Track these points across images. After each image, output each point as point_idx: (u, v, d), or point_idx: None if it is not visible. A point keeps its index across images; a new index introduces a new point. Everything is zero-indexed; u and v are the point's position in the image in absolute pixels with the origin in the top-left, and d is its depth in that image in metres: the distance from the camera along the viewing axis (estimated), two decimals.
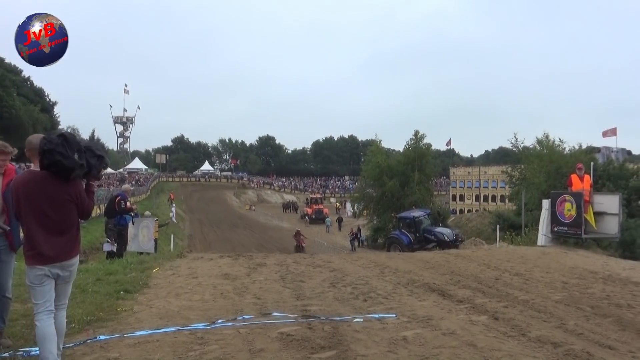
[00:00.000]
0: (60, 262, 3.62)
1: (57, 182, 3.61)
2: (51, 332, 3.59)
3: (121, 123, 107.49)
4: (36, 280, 3.58)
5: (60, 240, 3.63)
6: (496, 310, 5.86)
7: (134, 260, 9.61)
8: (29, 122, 44.50)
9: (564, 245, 12.56)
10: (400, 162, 35.68)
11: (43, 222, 3.57)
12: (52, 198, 3.58)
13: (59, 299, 3.74)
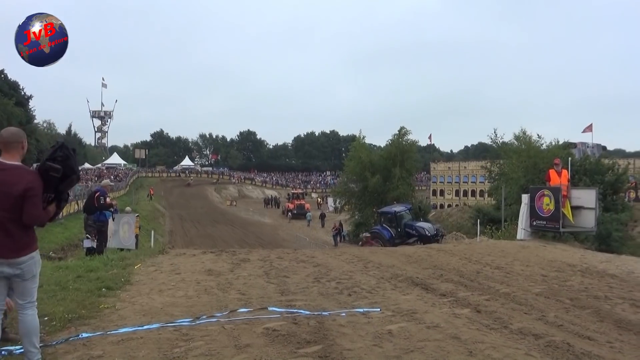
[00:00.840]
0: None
1: (10, 173, 3.49)
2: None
3: (99, 117, 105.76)
4: None
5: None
6: (478, 304, 5.95)
7: (115, 256, 9.49)
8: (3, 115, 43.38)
9: (542, 239, 12.80)
10: (382, 158, 35.87)
11: None
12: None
13: (21, 297, 3.60)
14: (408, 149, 36.55)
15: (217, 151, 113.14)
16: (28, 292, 3.59)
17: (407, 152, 36.38)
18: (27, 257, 3.54)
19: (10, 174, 3.48)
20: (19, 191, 3.43)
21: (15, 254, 3.48)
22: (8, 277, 3.52)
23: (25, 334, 3.53)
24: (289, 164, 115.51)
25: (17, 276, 3.51)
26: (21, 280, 3.54)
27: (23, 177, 3.49)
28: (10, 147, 3.58)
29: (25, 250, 3.54)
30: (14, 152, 3.59)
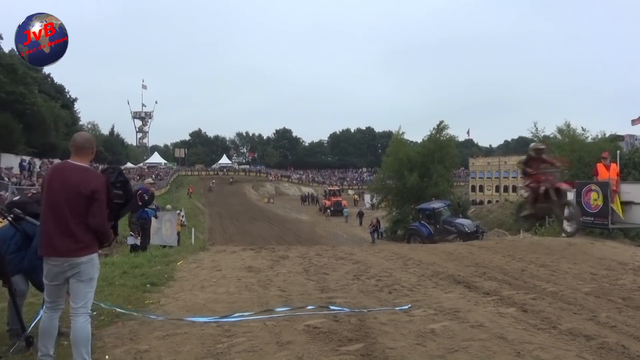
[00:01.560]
0: (56, 257, 3.51)
1: (78, 173, 3.59)
2: (50, 328, 3.63)
3: (140, 118, 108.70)
4: (46, 277, 3.60)
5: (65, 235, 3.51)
6: (524, 303, 5.77)
7: (158, 253, 9.73)
8: (51, 118, 45.14)
9: (589, 235, 12.32)
10: (420, 154, 35.39)
11: (54, 211, 3.54)
12: (68, 188, 3.53)
13: (74, 300, 3.59)
14: (446, 144, 35.90)
15: (254, 149, 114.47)
16: (82, 295, 3.57)
17: (446, 147, 35.74)
18: (87, 258, 3.57)
19: (80, 174, 3.58)
20: (87, 191, 3.51)
21: (75, 253, 3.51)
22: (67, 277, 3.57)
23: (74, 342, 3.51)
24: (325, 161, 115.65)
25: (74, 277, 3.54)
26: (77, 282, 3.56)
27: (93, 179, 3.58)
28: (82, 151, 3.71)
29: (86, 251, 3.57)
30: (84, 156, 3.71)
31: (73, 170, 3.61)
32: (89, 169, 3.69)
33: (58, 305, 3.67)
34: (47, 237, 3.54)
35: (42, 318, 3.66)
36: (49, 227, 3.54)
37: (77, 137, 3.81)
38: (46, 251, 3.53)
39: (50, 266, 3.55)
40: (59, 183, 3.56)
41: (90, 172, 3.67)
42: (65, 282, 3.60)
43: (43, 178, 3.77)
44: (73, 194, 3.50)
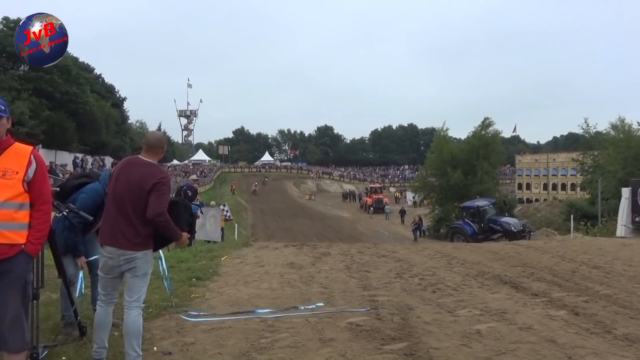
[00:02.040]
0: (113, 247, 3.56)
1: (143, 168, 3.65)
2: (105, 321, 3.70)
3: (185, 116, 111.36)
4: (102, 269, 3.67)
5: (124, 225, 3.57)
6: (576, 305, 5.55)
7: (202, 248, 9.94)
8: (102, 117, 46.92)
9: None
10: (464, 151, 34.56)
11: (117, 203, 3.61)
12: (132, 182, 3.60)
13: (129, 294, 3.62)
14: (492, 141, 34.87)
15: (295, 146, 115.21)
16: (136, 290, 3.63)
17: (491, 144, 34.73)
18: (142, 254, 3.62)
19: (146, 169, 3.65)
20: (149, 186, 3.56)
21: (132, 247, 3.57)
22: (122, 272, 3.64)
23: (126, 335, 3.56)
24: (367, 158, 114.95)
25: (129, 271, 3.61)
26: (132, 276, 3.62)
27: (156, 174, 3.64)
28: (152, 150, 3.80)
29: (142, 246, 3.62)
30: (154, 154, 3.79)
31: (140, 165, 3.70)
32: (154, 165, 3.75)
33: (112, 298, 3.75)
34: (109, 226, 3.64)
35: (97, 311, 3.76)
36: (110, 218, 3.64)
37: (150, 136, 3.93)
38: (104, 240, 3.64)
39: (106, 258, 3.64)
40: (125, 176, 3.65)
41: (154, 167, 3.73)
42: (120, 276, 3.68)
43: (113, 170, 3.88)
44: (135, 188, 3.58)
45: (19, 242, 2.88)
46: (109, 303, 3.74)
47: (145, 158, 3.75)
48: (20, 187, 2.89)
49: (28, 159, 2.96)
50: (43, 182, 3.03)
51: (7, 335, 2.91)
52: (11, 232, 2.85)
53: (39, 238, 2.99)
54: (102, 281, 3.71)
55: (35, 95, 36.72)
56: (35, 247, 2.97)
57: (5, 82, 34.59)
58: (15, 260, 2.87)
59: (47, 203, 3.04)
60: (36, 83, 38.10)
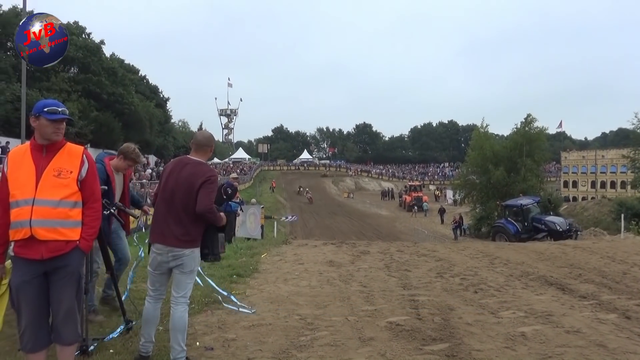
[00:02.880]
0: (162, 244, 3.65)
1: (192, 167, 3.75)
2: (153, 316, 3.80)
3: (225, 115, 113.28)
4: (151, 264, 3.79)
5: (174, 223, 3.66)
6: (627, 309, 5.32)
7: (243, 245, 10.08)
8: (146, 117, 48.35)
9: None
10: (507, 148, 33.61)
11: (167, 201, 3.71)
12: (181, 180, 3.70)
13: (176, 289, 3.71)
14: (536, 137, 33.74)
15: (334, 144, 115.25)
16: (183, 286, 3.73)
17: (535, 141, 33.58)
18: (190, 251, 3.71)
19: (195, 168, 3.77)
20: (198, 183, 3.68)
21: (182, 244, 3.67)
22: (170, 268, 3.74)
23: (172, 329, 3.65)
24: (406, 155, 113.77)
25: (177, 268, 3.71)
26: (180, 273, 3.72)
27: (204, 172, 3.76)
28: (201, 149, 3.92)
29: (191, 244, 3.71)
30: (202, 153, 3.92)
31: (189, 164, 3.81)
32: (203, 163, 3.86)
33: (161, 294, 3.86)
34: (158, 225, 3.75)
35: (145, 306, 3.88)
36: (160, 216, 3.75)
37: (199, 135, 4.04)
38: (154, 237, 3.75)
39: (155, 254, 3.75)
40: (175, 175, 3.77)
41: (204, 165, 3.84)
42: (168, 272, 3.78)
43: (164, 169, 4.00)
44: (185, 186, 3.69)
45: (73, 238, 3.02)
46: (158, 299, 3.85)
47: (195, 157, 3.87)
48: (74, 186, 3.02)
49: (81, 159, 3.09)
50: (94, 181, 3.16)
51: (60, 327, 3.05)
52: (67, 229, 2.99)
53: (92, 235, 3.12)
54: (151, 277, 3.84)
55: (84, 97, 38.27)
56: (88, 243, 3.11)
57: (56, 84, 36.19)
58: (70, 256, 3.01)
59: (97, 201, 3.17)
60: (85, 85, 39.69)
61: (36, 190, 2.92)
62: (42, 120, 3.01)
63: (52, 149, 3.05)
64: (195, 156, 3.87)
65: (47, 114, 3.01)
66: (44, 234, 2.92)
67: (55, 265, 2.99)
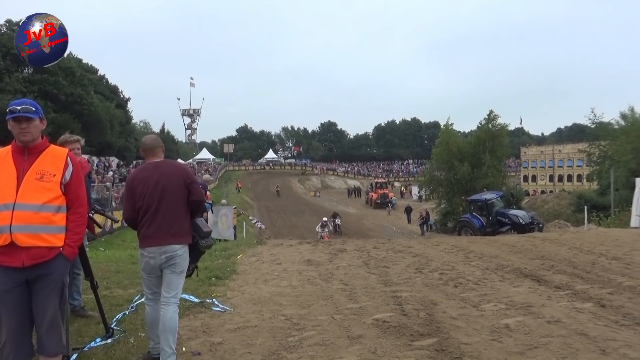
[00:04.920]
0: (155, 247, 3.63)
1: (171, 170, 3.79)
2: (157, 318, 3.73)
3: (188, 115, 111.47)
4: (144, 269, 3.75)
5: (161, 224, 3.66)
6: (601, 297, 5.50)
7: (217, 247, 9.91)
8: (106, 117, 46.98)
9: None
10: (471, 144, 34.40)
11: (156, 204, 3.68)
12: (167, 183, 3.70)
13: (167, 289, 3.68)
14: (498, 133, 34.69)
15: (299, 143, 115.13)
16: (174, 286, 3.70)
17: (497, 137, 34.53)
18: (183, 250, 3.71)
19: (167, 165, 3.83)
20: (189, 178, 3.79)
21: (177, 240, 3.67)
22: (162, 269, 3.69)
23: (162, 331, 3.60)
24: (371, 153, 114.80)
25: (169, 267, 3.68)
26: (171, 273, 3.69)
27: (179, 166, 3.88)
28: (153, 151, 3.88)
29: (185, 238, 3.74)
30: (158, 155, 3.89)
31: (160, 165, 3.80)
32: (170, 160, 3.94)
33: (158, 295, 3.79)
34: (150, 230, 3.67)
35: (147, 310, 3.84)
36: (151, 222, 3.67)
37: (146, 140, 3.99)
38: (146, 243, 3.67)
39: (147, 259, 3.69)
40: (154, 179, 3.70)
41: (171, 162, 3.94)
42: (159, 276, 3.74)
43: (131, 180, 3.85)
44: (174, 183, 3.72)
45: (56, 245, 2.87)
46: (157, 301, 3.79)
47: (156, 159, 3.87)
48: (57, 189, 2.87)
49: (64, 162, 2.94)
50: (79, 184, 3.01)
51: (44, 338, 2.90)
52: (49, 235, 2.84)
53: (76, 241, 2.98)
54: (146, 281, 3.82)
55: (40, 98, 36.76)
56: (73, 249, 2.96)
57: (10, 84, 34.70)
58: (53, 263, 2.86)
59: (82, 206, 3.03)
60: (41, 85, 38.23)
61: (17, 195, 2.77)
62: (9, 122, 2.88)
63: (34, 152, 2.90)
64: (153, 160, 3.86)
65: (8, 114, 2.86)
66: (25, 240, 2.76)
67: (38, 273, 2.84)
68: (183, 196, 3.73)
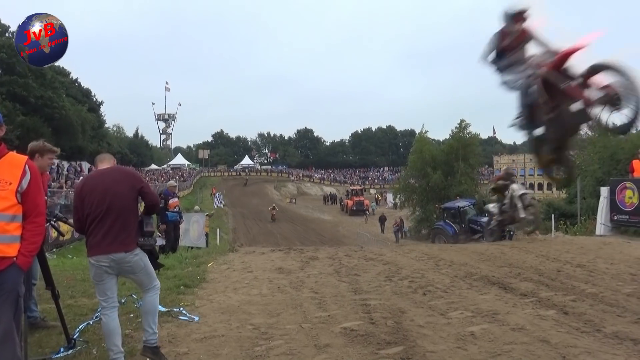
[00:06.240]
0: (103, 255, 3.66)
1: (118, 177, 3.82)
2: (114, 327, 3.76)
3: (163, 120, 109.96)
4: (95, 277, 3.78)
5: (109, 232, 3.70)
6: (564, 305, 5.62)
7: (188, 255, 9.79)
8: (78, 121, 46.00)
9: (624, 234, 12.00)
10: (444, 152, 34.97)
11: (105, 213, 3.69)
12: (110, 189, 3.72)
13: (142, 287, 3.95)
14: (470, 142, 35.37)
15: (275, 149, 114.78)
16: (146, 281, 3.91)
17: (469, 145, 35.20)
18: (132, 255, 3.75)
19: (115, 172, 3.88)
20: (139, 183, 3.84)
21: (125, 247, 3.70)
22: (116, 274, 3.77)
23: (143, 313, 3.94)
24: (347, 160, 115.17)
25: (128, 272, 3.81)
26: (134, 275, 3.84)
27: (127, 172, 3.95)
28: (104, 160, 4.01)
29: (133, 245, 3.77)
30: (108, 161, 4.01)
31: (106, 172, 3.86)
32: (117, 166, 4.02)
33: (113, 302, 3.81)
34: (99, 238, 3.68)
35: (103, 320, 3.80)
36: (99, 230, 3.68)
37: (100, 154, 4.16)
38: (95, 251, 3.69)
39: (95, 267, 3.71)
40: (101, 188, 3.73)
41: (119, 168, 4.04)
42: (113, 278, 3.79)
43: (79, 190, 3.85)
44: (126, 189, 3.76)
45: (10, 254, 2.80)
46: (112, 308, 3.79)
47: (105, 166, 3.95)
48: (13, 198, 2.80)
49: (22, 170, 2.88)
50: (37, 193, 2.95)
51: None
52: (3, 244, 2.77)
53: (32, 250, 2.91)
54: (98, 289, 3.79)
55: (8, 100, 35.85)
56: (27, 259, 2.89)
57: None
58: (6, 274, 2.79)
59: (41, 215, 2.96)
60: (9, 87, 37.24)
61: None
62: None
63: None
64: (102, 167, 3.95)
65: None
66: None
67: None
68: (132, 202, 3.78)
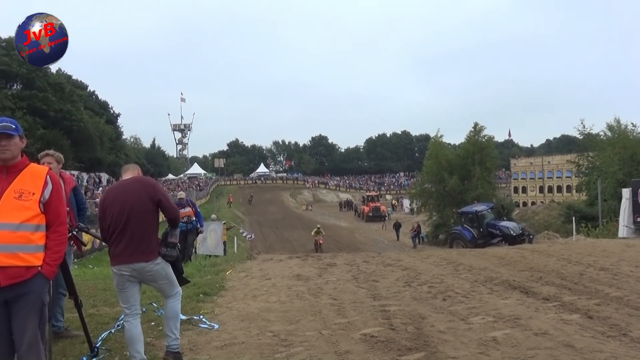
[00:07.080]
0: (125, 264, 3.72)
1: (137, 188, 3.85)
2: (136, 334, 3.81)
3: (179, 130, 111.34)
4: (118, 285, 3.84)
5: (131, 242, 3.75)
6: (588, 309, 5.52)
7: (206, 263, 9.85)
8: (96, 133, 46.81)
9: None
10: (460, 157, 34.69)
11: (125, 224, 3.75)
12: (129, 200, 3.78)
13: (165, 294, 4.00)
14: (486, 145, 35.03)
15: (290, 157, 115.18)
16: (168, 290, 3.95)
17: (485, 148, 34.87)
18: (153, 264, 3.79)
19: (134, 183, 3.91)
20: (158, 195, 3.83)
21: (146, 257, 3.74)
22: (139, 282, 3.85)
23: (165, 319, 3.99)
24: (362, 166, 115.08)
25: (150, 281, 3.87)
26: (156, 283, 3.90)
27: (145, 183, 3.92)
28: (128, 171, 4.09)
29: (154, 256, 3.80)
30: (131, 171, 4.07)
31: (127, 183, 3.92)
32: (140, 177, 4.04)
33: (136, 310, 3.86)
34: (121, 249, 3.75)
35: (126, 327, 3.85)
36: (120, 241, 3.75)
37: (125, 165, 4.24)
38: (117, 260, 3.76)
39: (118, 275, 3.78)
40: (121, 199, 3.81)
41: (142, 178, 4.02)
42: (136, 286, 3.86)
43: (103, 200, 3.96)
44: (141, 204, 3.78)
45: (35, 264, 2.84)
46: (135, 316, 3.84)
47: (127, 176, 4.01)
48: (36, 208, 2.85)
49: (44, 180, 2.93)
50: (59, 203, 2.99)
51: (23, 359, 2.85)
52: (27, 254, 2.81)
53: (56, 260, 2.95)
54: (121, 296, 3.86)
55: (29, 114, 36.63)
56: (52, 268, 2.93)
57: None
58: (32, 283, 2.83)
59: (63, 224, 3.00)
60: (30, 101, 38.06)
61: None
62: None
63: (13, 170, 2.88)
64: (125, 177, 4.01)
65: None
66: (2, 259, 2.74)
67: (16, 293, 2.80)
68: (151, 213, 3.80)
